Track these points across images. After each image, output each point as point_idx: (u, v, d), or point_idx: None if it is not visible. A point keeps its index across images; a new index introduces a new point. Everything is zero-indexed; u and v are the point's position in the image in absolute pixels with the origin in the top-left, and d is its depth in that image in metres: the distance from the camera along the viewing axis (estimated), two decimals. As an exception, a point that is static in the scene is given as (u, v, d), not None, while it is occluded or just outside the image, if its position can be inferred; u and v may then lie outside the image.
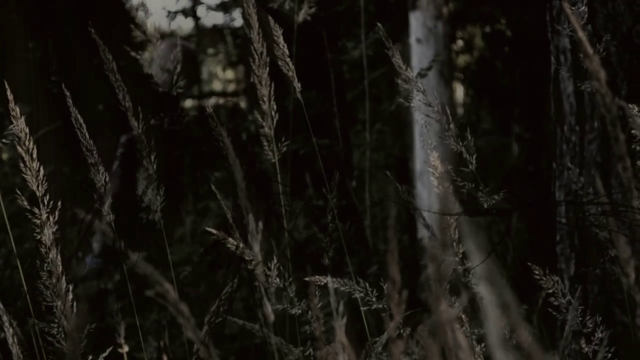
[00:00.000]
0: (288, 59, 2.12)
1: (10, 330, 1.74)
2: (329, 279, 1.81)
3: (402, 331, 1.79)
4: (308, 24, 3.82)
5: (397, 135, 7.18)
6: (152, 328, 4.16)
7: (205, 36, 8.53)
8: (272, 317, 1.68)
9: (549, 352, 2.23)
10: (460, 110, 8.73)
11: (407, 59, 5.79)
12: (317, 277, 1.81)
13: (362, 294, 1.87)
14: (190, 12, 8.01)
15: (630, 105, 1.89)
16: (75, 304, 1.75)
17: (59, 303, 1.73)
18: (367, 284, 1.90)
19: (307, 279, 1.73)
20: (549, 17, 3.02)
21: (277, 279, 1.95)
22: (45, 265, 1.77)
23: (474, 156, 2.05)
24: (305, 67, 2.69)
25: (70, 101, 1.94)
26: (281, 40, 2.10)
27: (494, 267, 0.80)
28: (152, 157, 2.08)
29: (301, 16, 3.68)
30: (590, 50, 1.31)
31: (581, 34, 1.34)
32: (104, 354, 1.93)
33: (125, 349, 2.58)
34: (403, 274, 1.11)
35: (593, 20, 2.79)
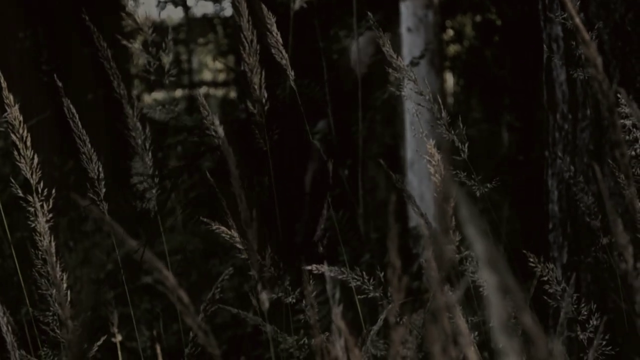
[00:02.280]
0: (282, 47, 2.10)
1: (4, 318, 1.74)
2: (325, 267, 1.81)
3: (399, 319, 1.79)
4: (301, 13, 3.80)
5: (388, 124, 7.18)
6: (143, 317, 4.16)
7: (195, 26, 8.52)
8: (266, 305, 1.67)
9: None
10: (450, 100, 8.74)
11: (397, 48, 5.79)
12: (314, 265, 1.81)
13: (358, 283, 1.86)
14: (180, 2, 8.00)
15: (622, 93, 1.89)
16: (69, 292, 1.74)
17: (54, 291, 1.72)
18: (363, 273, 1.90)
19: (304, 267, 1.73)
20: (542, 5, 3.01)
21: (272, 268, 1.95)
22: (40, 253, 1.76)
23: (466, 145, 2.05)
24: (299, 55, 2.69)
25: (63, 91, 1.92)
26: (274, 28, 2.08)
27: (496, 252, 0.80)
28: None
29: (297, 3, 3.64)
30: (587, 36, 1.31)
31: (578, 20, 1.34)
32: (98, 343, 1.92)
33: (119, 338, 2.57)
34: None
35: (585, 8, 2.79)
